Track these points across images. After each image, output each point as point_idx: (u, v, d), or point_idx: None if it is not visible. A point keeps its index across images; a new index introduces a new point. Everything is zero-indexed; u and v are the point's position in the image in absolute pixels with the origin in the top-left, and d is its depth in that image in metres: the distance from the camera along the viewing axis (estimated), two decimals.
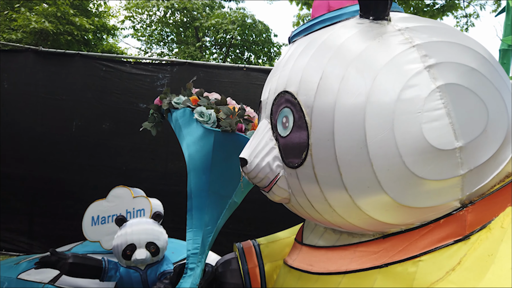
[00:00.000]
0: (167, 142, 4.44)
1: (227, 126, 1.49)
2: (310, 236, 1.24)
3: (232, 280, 1.57)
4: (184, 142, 1.68)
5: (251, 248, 1.62)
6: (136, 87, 4.41)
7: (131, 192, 2.69)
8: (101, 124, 4.53)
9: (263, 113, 1.20)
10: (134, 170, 4.46)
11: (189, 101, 1.63)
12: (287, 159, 1.05)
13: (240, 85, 4.39)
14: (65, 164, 4.41)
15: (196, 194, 1.61)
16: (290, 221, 1.86)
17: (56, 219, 4.45)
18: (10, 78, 4.45)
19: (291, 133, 1.02)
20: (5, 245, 4.46)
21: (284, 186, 1.09)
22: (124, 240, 2.20)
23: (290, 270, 1.24)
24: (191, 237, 1.60)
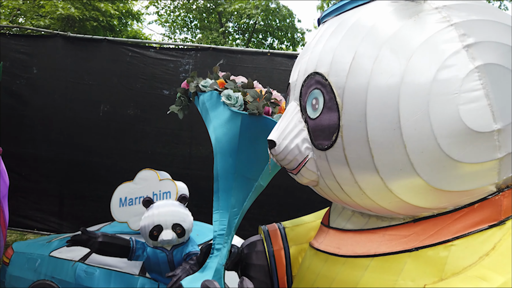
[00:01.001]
0: (191, 127, 4.49)
1: (254, 109, 1.48)
2: (337, 219, 1.24)
3: (257, 262, 1.59)
4: (211, 125, 1.69)
5: (277, 231, 1.64)
6: (161, 72, 4.46)
7: (157, 174, 2.74)
8: (127, 109, 4.61)
9: (292, 95, 1.19)
10: (159, 154, 4.54)
11: (216, 84, 1.64)
12: (316, 141, 1.04)
13: (264, 70, 4.37)
14: (93, 147, 4.53)
15: (223, 177, 1.62)
16: (312, 207, 1.86)
17: (85, 200, 4.60)
18: (40, 63, 4.57)
19: (321, 114, 1.01)
20: (36, 224, 4.65)
21: (313, 169, 1.08)
22: (151, 221, 2.26)
23: (316, 253, 1.24)
24: (218, 218, 1.62)
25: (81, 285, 2.61)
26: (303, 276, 1.29)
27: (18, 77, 4.57)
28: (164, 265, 2.35)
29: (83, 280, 2.61)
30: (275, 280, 1.57)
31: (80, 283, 2.61)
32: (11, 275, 2.87)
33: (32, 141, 4.55)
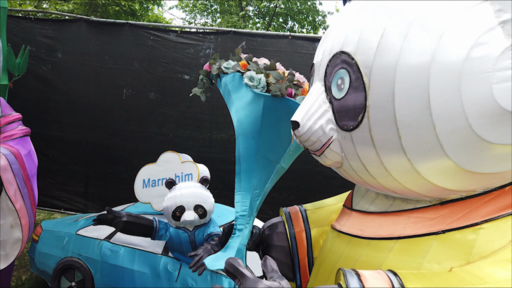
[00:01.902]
0: (212, 111, 4.52)
1: (276, 90, 1.47)
2: (360, 201, 1.23)
3: (278, 243, 1.60)
4: (233, 107, 1.69)
5: (298, 213, 1.64)
6: (182, 56, 4.47)
7: (179, 157, 2.78)
8: (149, 93, 4.67)
9: (316, 75, 1.17)
10: (180, 137, 4.60)
11: (238, 66, 1.63)
12: (341, 122, 1.02)
13: (285, 54, 4.32)
14: (116, 130, 4.62)
15: (245, 158, 1.63)
16: (331, 191, 1.85)
17: (109, 182, 4.73)
18: (64, 47, 4.66)
19: (346, 95, 0.99)
20: (63, 204, 4.82)
21: (337, 150, 1.07)
22: (174, 202, 2.30)
23: (338, 235, 1.24)
24: (239, 199, 1.63)
25: (107, 262, 2.70)
26: (325, 258, 1.29)
27: (44, 61, 4.67)
28: (186, 245, 2.40)
29: (108, 258, 2.70)
30: (296, 261, 1.58)
31: (106, 260, 2.70)
32: (40, 251, 3.00)
33: (58, 124, 4.68)
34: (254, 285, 0.85)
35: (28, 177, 1.83)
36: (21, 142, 1.90)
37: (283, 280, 0.90)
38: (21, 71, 3.89)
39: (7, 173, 1.70)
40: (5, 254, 1.75)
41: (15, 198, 1.72)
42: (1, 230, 1.71)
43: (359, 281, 0.82)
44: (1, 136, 1.86)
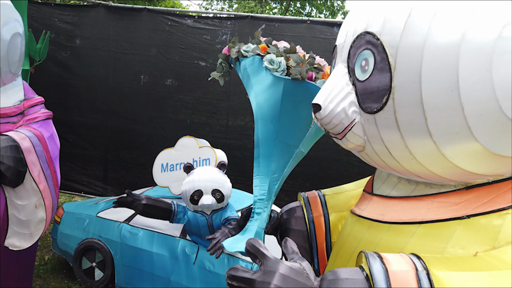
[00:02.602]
0: (228, 97, 4.51)
1: (297, 73, 1.45)
2: (381, 186, 1.21)
3: (296, 227, 1.60)
4: (252, 91, 1.68)
5: (316, 198, 1.63)
6: (199, 42, 4.46)
7: (197, 142, 2.80)
8: (167, 78, 4.69)
9: (339, 57, 1.15)
10: (197, 123, 4.62)
11: (258, 49, 1.61)
12: (364, 104, 1.00)
13: (303, 39, 4.26)
14: (135, 116, 4.67)
15: (264, 143, 1.62)
16: (348, 179, 1.84)
17: (127, 166, 4.81)
18: (83, 33, 4.70)
19: (370, 76, 0.97)
20: (83, 188, 4.93)
21: (360, 133, 1.06)
22: (192, 186, 2.32)
23: (358, 219, 1.23)
24: (258, 183, 1.63)
25: (126, 244, 2.76)
26: (344, 242, 1.28)
27: (64, 47, 4.73)
28: (204, 229, 2.43)
29: (128, 240, 2.76)
30: (314, 245, 1.58)
31: (125, 242, 2.76)
32: (62, 232, 3.09)
33: (78, 109, 4.75)
34: (275, 265, 0.86)
35: (51, 159, 1.87)
36: (44, 125, 1.94)
37: (304, 262, 0.90)
38: (41, 56, 3.95)
39: (31, 154, 1.74)
40: (30, 233, 1.80)
41: (39, 179, 1.76)
42: (26, 210, 1.76)
43: (381, 263, 0.81)
44: (25, 119, 1.90)
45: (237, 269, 0.88)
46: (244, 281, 0.86)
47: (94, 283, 2.93)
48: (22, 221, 1.77)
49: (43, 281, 3.08)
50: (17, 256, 1.84)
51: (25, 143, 1.72)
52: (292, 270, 0.85)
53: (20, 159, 1.68)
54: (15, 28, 1.81)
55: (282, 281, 0.83)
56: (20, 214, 1.76)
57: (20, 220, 1.77)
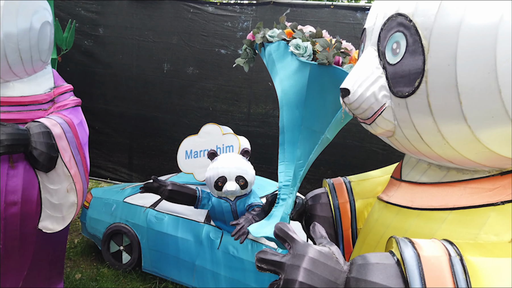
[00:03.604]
0: (250, 85, 4.50)
1: (323, 58, 1.43)
2: (410, 172, 1.19)
3: (322, 213, 1.60)
4: (277, 77, 1.67)
5: (342, 184, 1.62)
6: (222, 28, 4.45)
7: (220, 129, 2.82)
8: (189, 66, 4.71)
9: (368, 41, 1.13)
10: (219, 111, 4.64)
11: (283, 34, 1.59)
12: (395, 88, 0.98)
13: (327, 24, 4.18)
14: (158, 103, 4.73)
15: (289, 129, 1.62)
16: (371, 166, 1.81)
17: (151, 153, 4.89)
18: (108, 21, 4.75)
19: (402, 59, 0.95)
20: (109, 174, 5.05)
21: (390, 118, 1.04)
22: (216, 173, 2.35)
23: (386, 206, 1.22)
24: (283, 170, 1.64)
25: (152, 229, 2.83)
26: (371, 229, 1.27)
27: (89, 36, 4.80)
28: (228, 215, 2.46)
29: (153, 225, 2.83)
30: (339, 232, 1.57)
31: (151, 227, 2.83)
32: (90, 217, 3.19)
33: (104, 97, 4.85)
34: (305, 249, 0.86)
35: (80, 145, 1.93)
36: (73, 112, 1.99)
37: (333, 246, 0.90)
38: (68, 45, 4.04)
39: (62, 140, 1.79)
40: (62, 217, 1.87)
41: (70, 164, 1.82)
42: (58, 194, 1.83)
43: (413, 248, 0.80)
44: (55, 106, 1.95)
45: (266, 252, 0.89)
46: (274, 264, 0.87)
47: (122, 266, 3.03)
48: (55, 205, 1.84)
49: (74, 263, 3.20)
50: (50, 238, 1.92)
51: (56, 129, 1.78)
52: (321, 254, 0.85)
53: (52, 145, 1.74)
54: (44, 17, 1.85)
55: (311, 264, 0.83)
56: (52, 198, 1.83)
57: (52, 204, 1.83)
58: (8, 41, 1.64)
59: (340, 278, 0.83)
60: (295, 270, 0.83)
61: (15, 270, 1.83)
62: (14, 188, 1.72)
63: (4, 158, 1.69)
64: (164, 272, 2.84)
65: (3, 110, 1.73)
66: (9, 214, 1.72)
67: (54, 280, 2.09)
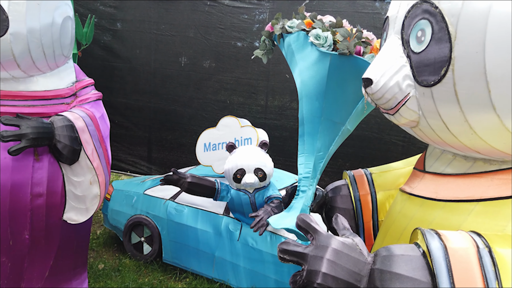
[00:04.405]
0: (267, 78, 4.48)
1: (344, 48, 1.42)
2: (435, 163, 1.17)
3: (342, 205, 1.59)
4: (297, 68, 1.66)
5: (363, 176, 1.61)
6: (238, 21, 4.43)
7: (238, 121, 2.82)
8: (206, 59, 4.72)
9: (391, 29, 1.10)
10: (236, 103, 4.65)
11: (303, 24, 1.58)
12: (420, 77, 0.96)
13: (345, 14, 4.10)
14: (176, 97, 4.77)
15: (308, 120, 1.61)
16: (390, 158, 1.78)
17: (170, 146, 4.95)
18: (125, 16, 4.79)
19: (427, 47, 0.93)
20: (129, 167, 5.14)
21: (414, 108, 1.02)
22: (235, 165, 2.36)
23: (409, 197, 1.20)
24: (303, 161, 1.63)
25: (172, 221, 2.87)
26: (393, 221, 1.26)
27: (108, 30, 4.86)
28: (246, 207, 2.47)
29: (173, 217, 2.87)
30: (360, 224, 1.56)
31: (171, 219, 2.87)
32: (112, 209, 3.25)
33: (123, 91, 4.91)
34: (328, 240, 0.86)
35: (102, 138, 1.96)
36: (95, 106, 2.03)
37: (356, 237, 0.89)
38: (88, 40, 4.09)
39: (85, 133, 1.83)
40: (86, 208, 1.91)
41: (93, 157, 1.85)
42: (81, 186, 1.87)
43: (440, 240, 0.79)
44: (77, 100, 1.99)
45: (288, 243, 0.89)
46: (297, 255, 0.87)
47: (143, 256, 3.09)
48: (78, 197, 1.88)
49: (96, 253, 3.28)
50: (75, 229, 1.96)
51: (79, 122, 1.81)
52: (344, 245, 0.85)
53: (75, 138, 1.77)
54: (66, 12, 1.87)
55: (335, 255, 0.83)
56: (76, 190, 1.87)
57: (76, 196, 1.88)
58: (32, 37, 1.67)
59: (364, 269, 0.83)
60: (318, 261, 0.83)
61: (42, 259, 1.89)
62: (40, 180, 1.77)
63: (29, 151, 1.73)
64: (184, 263, 2.88)
65: (27, 104, 1.77)
66: (35, 206, 1.77)
67: (79, 270, 2.14)
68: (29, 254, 1.82)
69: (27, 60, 1.71)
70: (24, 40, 1.65)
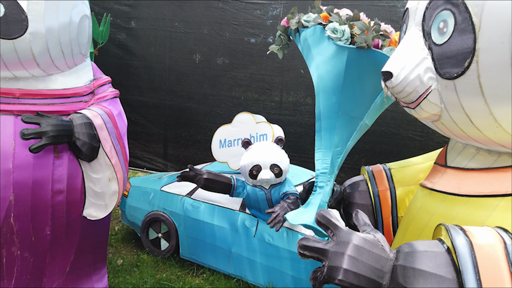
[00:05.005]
0: (281, 73, 4.46)
1: (362, 41, 1.39)
2: (457, 158, 1.14)
3: (360, 201, 1.58)
4: (313, 63, 1.64)
5: (382, 171, 1.58)
6: (252, 17, 4.41)
7: (254, 118, 2.82)
8: (220, 56, 4.72)
9: (411, 21, 1.08)
10: (250, 100, 4.64)
11: (319, 18, 1.56)
12: (442, 70, 0.94)
13: (361, 7, 4.01)
14: (191, 94, 4.79)
15: (326, 116, 1.59)
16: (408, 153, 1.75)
17: (185, 143, 4.98)
18: (140, 14, 4.82)
19: (450, 38, 0.90)
20: (145, 164, 5.19)
21: (436, 101, 0.99)
22: (251, 161, 2.36)
23: (430, 193, 1.18)
24: (320, 157, 1.61)
25: (189, 217, 2.88)
26: (414, 216, 1.24)
27: (122, 29, 4.90)
28: (263, 203, 2.47)
29: (190, 213, 2.88)
30: (379, 220, 1.54)
31: (188, 215, 2.89)
32: (129, 205, 3.29)
33: (139, 89, 4.96)
34: (349, 236, 0.85)
35: (120, 135, 1.98)
36: (112, 103, 2.05)
37: (377, 233, 0.88)
38: (104, 38, 4.14)
39: (103, 131, 1.85)
40: (105, 205, 1.94)
41: (111, 154, 1.87)
42: (100, 183, 1.89)
43: (465, 236, 0.77)
44: (95, 97, 2.01)
45: (308, 239, 0.88)
46: (317, 251, 0.86)
47: (161, 252, 3.12)
48: (98, 193, 1.90)
49: (115, 249, 3.33)
50: (94, 225, 2.00)
51: (97, 120, 1.83)
52: (366, 241, 0.84)
53: (93, 135, 1.79)
54: (83, 11, 1.89)
55: (356, 251, 0.82)
56: (95, 187, 1.90)
57: (95, 192, 1.90)
58: (50, 36, 1.69)
59: (387, 266, 0.82)
60: (339, 257, 0.82)
61: (63, 255, 1.92)
62: (60, 177, 1.80)
63: (50, 148, 1.76)
64: (201, 259, 2.90)
65: (47, 102, 1.80)
66: (56, 202, 1.80)
67: (99, 265, 2.18)
68: (50, 250, 1.86)
69: (46, 59, 1.73)
70: (43, 39, 1.67)
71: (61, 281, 1.95)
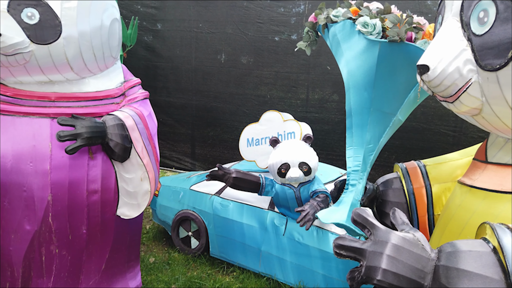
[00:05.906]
0: (307, 70, 4.42)
1: (395, 35, 1.36)
2: (498, 153, 1.09)
3: (394, 199, 1.54)
4: (343, 59, 1.61)
5: (416, 168, 1.54)
6: (277, 14, 4.40)
7: (281, 116, 2.80)
8: (245, 55, 4.73)
9: (448, 12, 1.04)
10: (276, 98, 4.63)
11: (349, 13, 1.53)
12: (483, 61, 0.90)
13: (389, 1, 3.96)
14: (217, 93, 4.82)
15: (357, 112, 1.56)
16: (440, 150, 1.69)
17: (212, 143, 5.02)
18: (166, 15, 4.89)
19: (491, 28, 0.86)
20: (174, 164, 5.27)
21: (476, 94, 0.95)
22: (279, 160, 2.34)
23: (470, 190, 1.13)
24: (352, 154, 1.59)
25: (218, 215, 2.91)
26: (453, 215, 1.20)
27: (150, 31, 4.99)
28: (292, 201, 2.45)
29: (219, 211, 2.90)
30: (414, 218, 1.50)
31: (217, 214, 2.91)
32: (160, 204, 3.35)
33: (166, 90, 5.04)
34: (387, 235, 0.82)
35: (151, 135, 2.02)
36: (143, 104, 2.09)
37: (417, 232, 0.85)
38: (132, 41, 4.23)
39: (134, 132, 1.89)
40: (137, 204, 1.98)
41: (142, 154, 1.91)
42: (133, 183, 1.94)
43: None
44: (126, 99, 2.05)
45: (345, 239, 0.87)
46: (354, 250, 0.84)
47: (191, 250, 3.16)
48: (130, 193, 1.95)
49: (147, 247, 3.40)
50: (128, 224, 2.04)
51: (129, 121, 1.87)
52: (405, 241, 0.81)
53: (125, 136, 1.83)
54: (113, 14, 1.94)
55: (395, 251, 0.79)
56: (128, 187, 1.94)
57: (128, 192, 1.95)
58: (83, 39, 1.74)
59: (428, 266, 0.79)
60: (378, 257, 0.80)
61: (98, 253, 1.98)
62: (95, 177, 1.85)
63: (84, 150, 1.81)
64: (231, 257, 2.91)
65: (81, 105, 1.86)
66: (91, 202, 1.86)
67: (132, 263, 2.23)
68: (86, 248, 1.91)
69: (79, 62, 1.78)
70: (76, 44, 1.72)
71: (97, 279, 2.01)
